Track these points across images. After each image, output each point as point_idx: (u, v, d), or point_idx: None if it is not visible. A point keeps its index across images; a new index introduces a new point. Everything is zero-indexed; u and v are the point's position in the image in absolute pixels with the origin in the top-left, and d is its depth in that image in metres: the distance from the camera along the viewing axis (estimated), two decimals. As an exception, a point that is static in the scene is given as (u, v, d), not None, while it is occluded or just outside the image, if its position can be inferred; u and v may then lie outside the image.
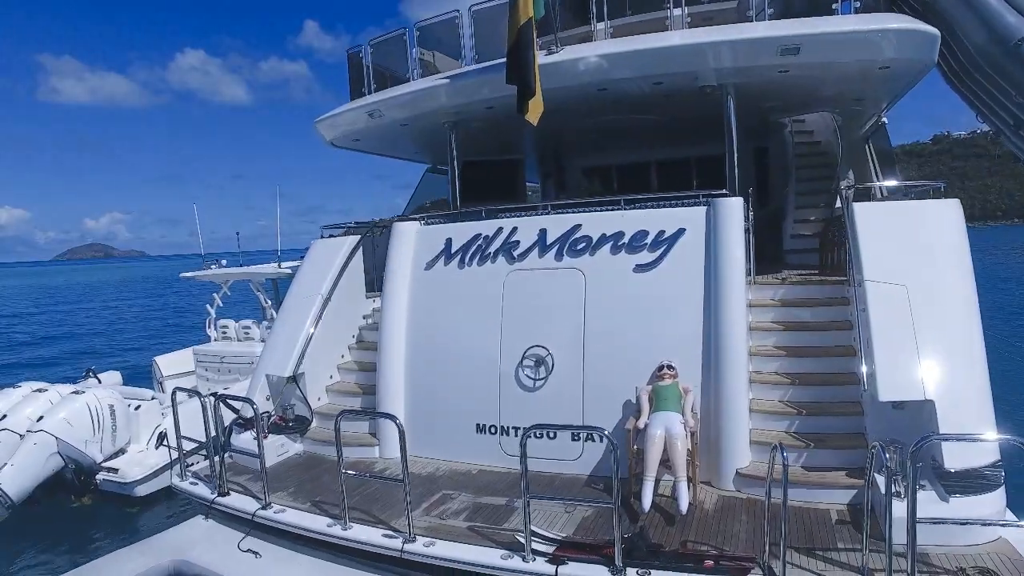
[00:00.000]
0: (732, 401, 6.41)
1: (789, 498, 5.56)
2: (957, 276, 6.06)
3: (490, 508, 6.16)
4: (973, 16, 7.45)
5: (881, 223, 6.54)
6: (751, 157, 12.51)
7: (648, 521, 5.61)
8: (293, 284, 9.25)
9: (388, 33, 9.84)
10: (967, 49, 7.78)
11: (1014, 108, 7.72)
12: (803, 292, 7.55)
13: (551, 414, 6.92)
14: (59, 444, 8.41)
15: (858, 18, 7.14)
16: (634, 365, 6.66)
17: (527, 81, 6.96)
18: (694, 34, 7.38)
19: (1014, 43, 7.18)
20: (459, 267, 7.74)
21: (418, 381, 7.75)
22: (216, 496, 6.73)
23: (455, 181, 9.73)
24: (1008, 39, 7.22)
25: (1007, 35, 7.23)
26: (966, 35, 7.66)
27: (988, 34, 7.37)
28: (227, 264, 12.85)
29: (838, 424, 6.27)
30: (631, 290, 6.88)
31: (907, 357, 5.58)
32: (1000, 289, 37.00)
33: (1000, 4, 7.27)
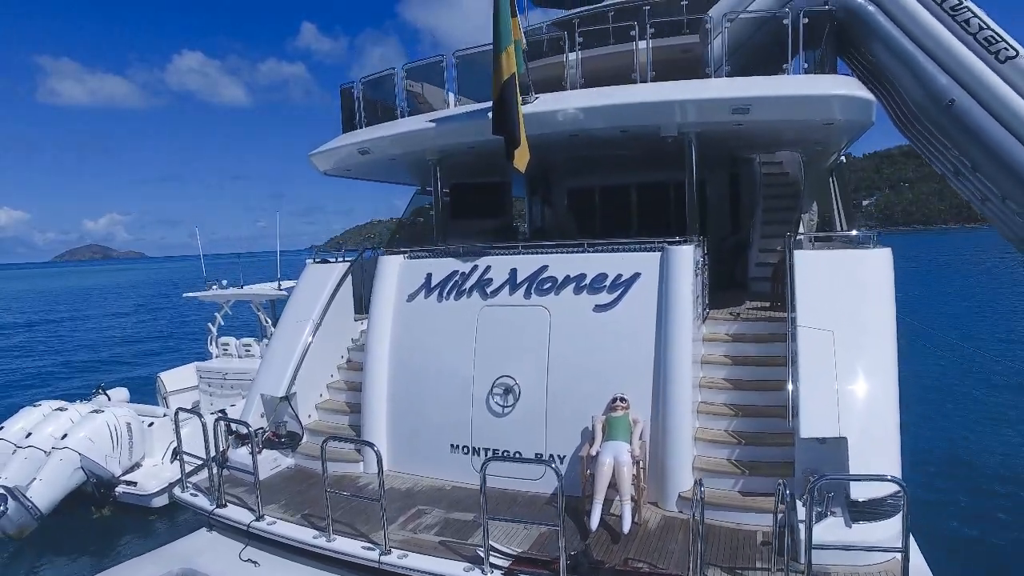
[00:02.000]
0: (677, 430, 7.12)
1: (723, 520, 6.39)
2: (880, 323, 6.77)
3: (459, 523, 6.89)
4: (911, 76, 8.13)
5: (818, 271, 7.25)
6: (726, 182, 13.27)
7: (595, 539, 6.33)
8: (287, 307, 9.97)
9: (379, 72, 10.54)
10: (908, 104, 8.47)
11: (951, 158, 8.42)
12: (752, 328, 8.28)
13: (517, 438, 7.69)
14: (82, 460, 9.19)
15: (803, 82, 7.83)
16: (592, 396, 7.37)
17: (513, 133, 7.66)
18: (654, 91, 8.07)
19: (946, 103, 7.88)
20: (438, 300, 8.46)
21: (399, 403, 8.46)
22: (215, 508, 7.46)
23: (439, 209, 10.42)
24: (941, 99, 7.91)
25: (940, 95, 7.93)
26: (906, 91, 8.35)
27: (924, 93, 8.06)
28: (227, 284, 13.56)
29: (772, 453, 6.97)
30: (591, 328, 7.60)
31: (827, 398, 6.28)
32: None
33: (933, 67, 7.94)
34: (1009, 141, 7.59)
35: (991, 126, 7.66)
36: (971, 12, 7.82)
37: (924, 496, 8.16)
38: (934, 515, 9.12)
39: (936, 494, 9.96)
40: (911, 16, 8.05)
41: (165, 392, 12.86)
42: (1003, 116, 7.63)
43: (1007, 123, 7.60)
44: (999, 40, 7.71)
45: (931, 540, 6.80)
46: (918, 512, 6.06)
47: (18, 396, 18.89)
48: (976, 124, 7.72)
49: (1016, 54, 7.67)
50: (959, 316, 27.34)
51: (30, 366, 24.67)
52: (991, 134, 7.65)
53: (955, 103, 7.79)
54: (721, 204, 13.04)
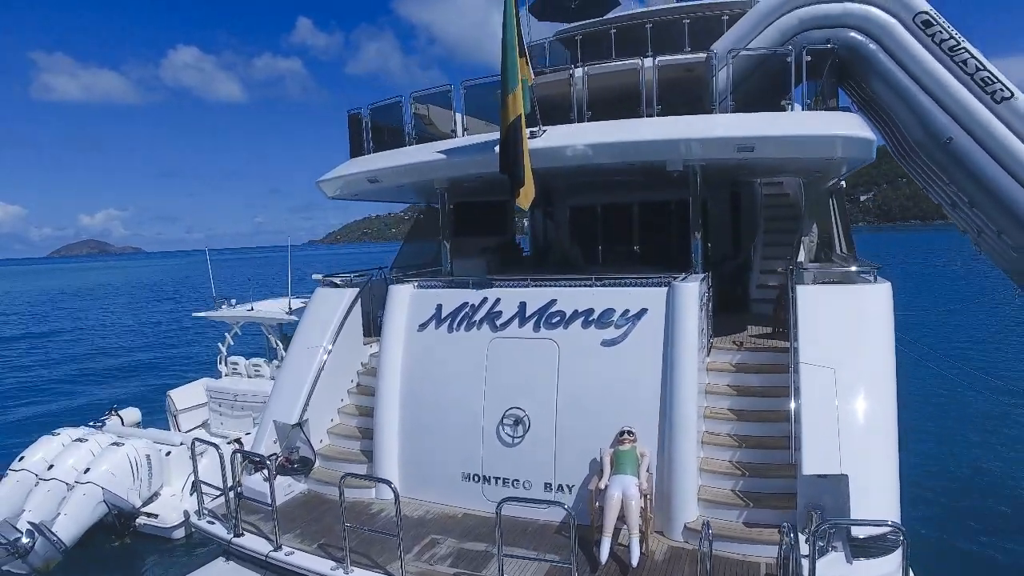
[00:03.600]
0: (683, 461, 7.35)
1: (728, 551, 6.61)
2: (880, 359, 7.01)
3: (472, 554, 7.10)
4: (910, 113, 8.35)
5: (819, 306, 7.49)
6: (727, 202, 13.46)
7: (604, 571, 6.56)
8: (298, 332, 10.16)
9: (386, 100, 10.73)
10: (906, 139, 8.68)
11: (949, 192, 8.65)
12: (755, 358, 8.52)
13: (527, 468, 7.91)
14: (104, 493, 9.45)
15: (806, 121, 8.01)
16: (600, 428, 7.58)
17: (518, 174, 7.84)
18: (661, 129, 8.25)
19: (943, 140, 8.09)
20: (448, 331, 8.65)
21: (410, 431, 8.66)
22: (232, 537, 7.66)
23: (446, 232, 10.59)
24: (939, 137, 8.13)
25: (938, 133, 8.15)
26: (905, 127, 8.56)
27: (922, 130, 8.28)
28: (236, 303, 13.74)
29: (775, 485, 7.19)
30: (599, 362, 7.81)
31: (829, 435, 6.51)
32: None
33: (932, 105, 8.16)
34: (1005, 179, 7.82)
35: (988, 164, 7.88)
36: (968, 53, 8.02)
37: (921, 515, 8.36)
38: (931, 534, 9.35)
39: (931, 510, 10.19)
40: (911, 55, 8.25)
41: (175, 410, 13.02)
42: (999, 155, 7.86)
43: (1003, 162, 7.84)
44: (995, 81, 7.93)
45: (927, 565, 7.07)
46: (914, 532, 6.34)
47: (22, 411, 18.92)
48: (973, 162, 7.95)
49: (1011, 95, 7.89)
50: (958, 330, 27.39)
51: (32, 378, 24.51)
52: (988, 172, 7.89)
53: (953, 141, 8.02)
54: (722, 224, 13.24)
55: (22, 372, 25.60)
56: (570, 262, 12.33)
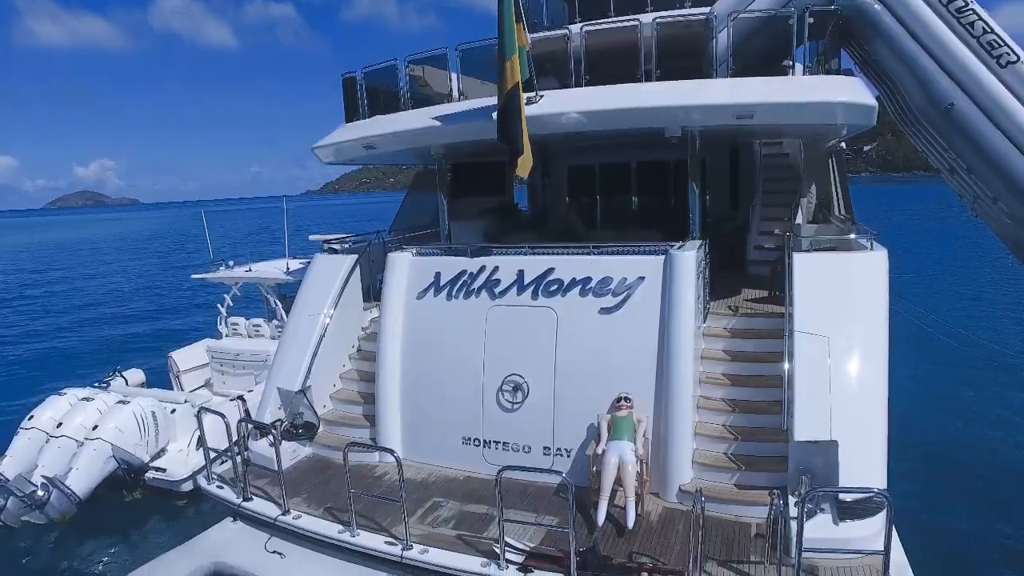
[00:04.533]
0: (678, 426, 7.56)
1: (720, 512, 6.88)
2: (873, 328, 7.13)
3: (474, 517, 7.36)
4: (912, 78, 8.23)
5: (816, 274, 7.56)
6: (727, 162, 13.37)
7: (602, 533, 6.82)
8: (298, 299, 10.23)
9: (380, 63, 10.51)
10: (907, 103, 8.59)
11: (947, 158, 8.61)
12: (750, 323, 8.65)
13: (526, 432, 8.13)
14: (114, 449, 9.82)
15: (807, 87, 7.90)
16: (597, 394, 7.75)
17: (516, 144, 7.78)
18: (659, 95, 8.13)
19: (945, 106, 8.01)
20: (447, 299, 8.74)
21: (411, 397, 8.84)
22: (241, 501, 7.93)
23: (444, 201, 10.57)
24: (941, 102, 8.04)
25: (939, 98, 8.05)
26: (907, 92, 8.45)
27: (924, 95, 8.18)
28: (233, 266, 13.79)
29: (767, 448, 7.41)
30: (596, 329, 7.92)
31: (821, 403, 6.68)
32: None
33: (935, 69, 8.03)
34: (1005, 146, 7.77)
35: (988, 131, 7.82)
36: (976, 15, 7.85)
37: (907, 473, 8.61)
38: (916, 495, 9.65)
39: (918, 473, 10.47)
40: (916, 16, 8.08)
41: (178, 371, 13.23)
42: (1001, 121, 7.78)
43: (1004, 128, 7.77)
44: (1001, 44, 7.78)
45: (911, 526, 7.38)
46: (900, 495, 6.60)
47: (24, 370, 19.06)
48: (974, 128, 7.88)
49: (1017, 59, 7.75)
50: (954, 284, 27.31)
51: (34, 338, 24.38)
52: (988, 139, 7.83)
53: (954, 107, 7.93)
54: (721, 184, 13.18)
55: (23, 331, 25.47)
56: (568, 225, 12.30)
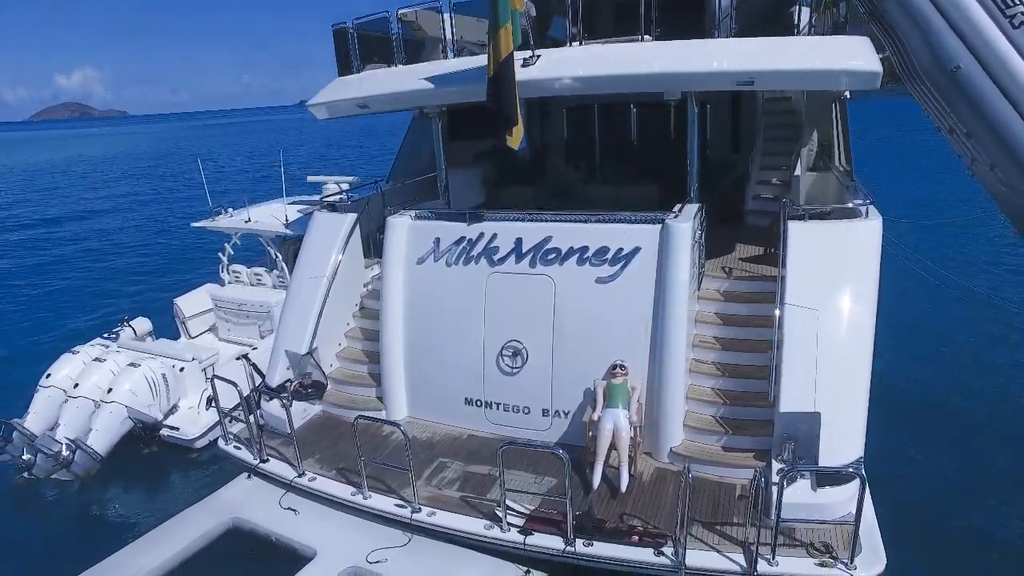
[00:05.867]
0: (670, 391, 7.90)
1: (708, 473, 7.35)
2: (862, 300, 7.33)
3: (477, 478, 7.85)
4: (920, 37, 7.96)
5: (810, 244, 7.67)
6: (728, 104, 13.11)
7: (596, 495, 7.31)
8: (300, 260, 10.35)
9: (372, 15, 10.13)
10: (913, 63, 8.37)
11: (947, 119, 8.50)
12: (743, 287, 8.83)
13: (526, 394, 8.51)
14: (129, 411, 10.40)
15: (810, 51, 7.66)
16: (594, 360, 8.04)
17: (509, 114, 7.66)
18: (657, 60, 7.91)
19: (951, 68, 7.82)
20: (447, 265, 8.88)
21: (415, 358, 9.16)
22: (258, 463, 8.42)
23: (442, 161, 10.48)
24: (947, 64, 7.83)
25: (946, 59, 7.83)
26: (913, 51, 8.21)
27: (931, 56, 7.95)
28: (232, 213, 13.79)
29: (754, 412, 7.78)
30: (593, 298, 8.12)
31: (806, 376, 6.99)
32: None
33: (944, 28, 7.77)
34: (1008, 114, 7.62)
35: (993, 96, 7.65)
36: (992, -30, 7.51)
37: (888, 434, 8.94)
38: (894, 456, 10.04)
39: (898, 434, 10.78)
40: (929, -30, 7.73)
41: (183, 317, 13.54)
42: (1007, 86, 7.59)
43: (1010, 94, 7.60)
44: (1016, 3, 7.46)
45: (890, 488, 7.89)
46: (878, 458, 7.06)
47: (24, 317, 19.07)
48: (978, 94, 7.70)
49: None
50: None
51: (30, 280, 23.58)
52: (992, 105, 7.67)
53: (960, 70, 7.72)
54: (722, 128, 12.98)
55: (18, 274, 24.90)
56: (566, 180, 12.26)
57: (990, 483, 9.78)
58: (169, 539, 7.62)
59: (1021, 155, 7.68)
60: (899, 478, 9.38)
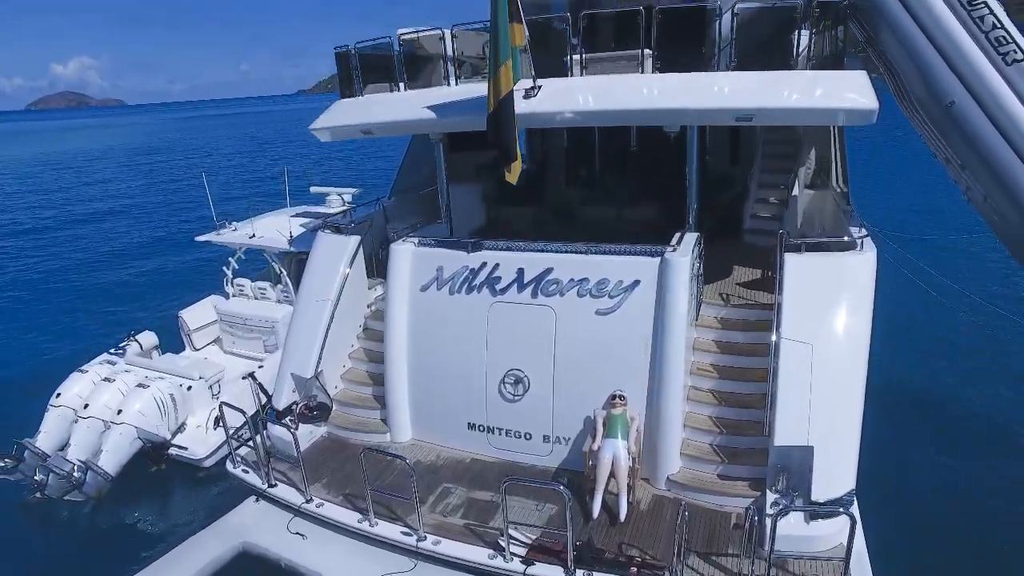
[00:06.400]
0: (668, 419, 8.09)
1: (704, 502, 7.56)
2: (856, 334, 7.51)
3: (480, 504, 8.06)
4: (915, 70, 8.07)
5: (805, 277, 7.85)
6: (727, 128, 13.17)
7: (596, 523, 7.54)
8: (304, 282, 10.52)
9: (374, 40, 10.21)
10: (909, 94, 8.48)
11: (944, 151, 8.63)
12: (741, 314, 9.01)
13: (527, 421, 8.72)
14: (138, 431, 10.62)
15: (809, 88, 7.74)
16: (594, 388, 8.23)
17: (509, 151, 7.80)
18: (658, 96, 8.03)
19: (946, 104, 7.93)
20: (450, 293, 9.05)
21: (419, 383, 9.34)
22: (266, 487, 8.62)
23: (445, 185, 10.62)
24: (942, 99, 7.95)
25: (941, 94, 7.94)
26: (909, 83, 8.32)
27: (926, 89, 8.07)
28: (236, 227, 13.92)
29: (750, 442, 7.99)
30: (593, 329, 8.30)
31: (801, 410, 7.18)
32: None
33: (940, 64, 7.87)
34: (1002, 148, 7.73)
35: (987, 132, 7.76)
36: (987, 8, 7.57)
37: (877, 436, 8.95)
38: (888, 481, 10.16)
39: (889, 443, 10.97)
40: (925, 5, 7.80)
41: (188, 330, 13.71)
42: (1001, 121, 7.71)
43: (1004, 129, 7.71)
44: (1010, 41, 7.56)
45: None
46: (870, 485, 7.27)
47: (34, 334, 18.76)
48: (973, 129, 7.81)
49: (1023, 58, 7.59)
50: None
51: (31, 289, 23.25)
52: (986, 140, 7.78)
53: (955, 105, 7.84)
54: (722, 142, 13.08)
55: (21, 285, 24.32)
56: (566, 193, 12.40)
57: (984, 510, 9.89)
58: (180, 565, 7.85)
59: (1014, 189, 7.81)
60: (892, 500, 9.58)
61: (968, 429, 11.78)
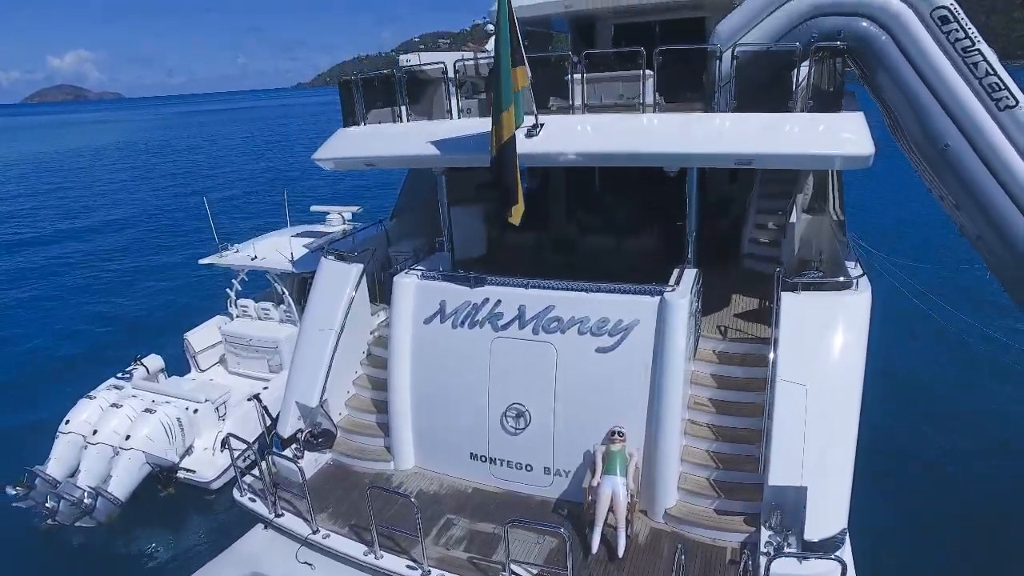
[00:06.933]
0: (666, 453, 8.28)
1: (700, 536, 7.75)
2: (849, 373, 7.70)
3: (483, 536, 8.24)
4: (912, 113, 8.23)
5: (801, 317, 8.02)
6: None
7: (595, 558, 7.73)
8: (308, 311, 10.67)
9: (377, 72, 10.35)
10: (904, 134, 8.64)
11: (938, 190, 8.80)
12: (738, 348, 9.19)
13: (529, 454, 8.91)
14: (147, 456, 10.81)
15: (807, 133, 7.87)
16: (594, 424, 8.43)
17: (511, 195, 7.94)
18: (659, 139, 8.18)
19: (941, 146, 8.10)
20: (452, 327, 9.21)
21: (422, 414, 9.52)
22: (273, 517, 8.81)
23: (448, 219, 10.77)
24: (937, 142, 8.12)
25: (936, 137, 8.12)
26: (905, 125, 8.48)
27: (921, 132, 8.23)
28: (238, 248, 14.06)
29: (745, 477, 8.18)
30: (593, 366, 8.48)
31: (795, 451, 7.37)
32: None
33: (935, 108, 8.03)
34: (995, 190, 7.93)
35: (981, 174, 7.95)
36: (981, 55, 7.72)
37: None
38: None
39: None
40: (922, 53, 7.92)
41: (194, 352, 13.89)
42: (993, 165, 7.89)
43: (996, 172, 7.90)
44: (1002, 88, 7.72)
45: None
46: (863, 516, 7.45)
47: (41, 358, 18.61)
48: (967, 171, 7.99)
49: (1016, 104, 7.72)
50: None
51: (35, 311, 22.76)
52: (979, 182, 7.97)
53: (949, 148, 8.00)
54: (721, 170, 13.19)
55: (28, 306, 23.66)
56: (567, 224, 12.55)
57: (978, 550, 10.02)
58: (193, 595, 8.07)
59: (1007, 233, 7.99)
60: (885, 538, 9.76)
61: (965, 462, 11.79)
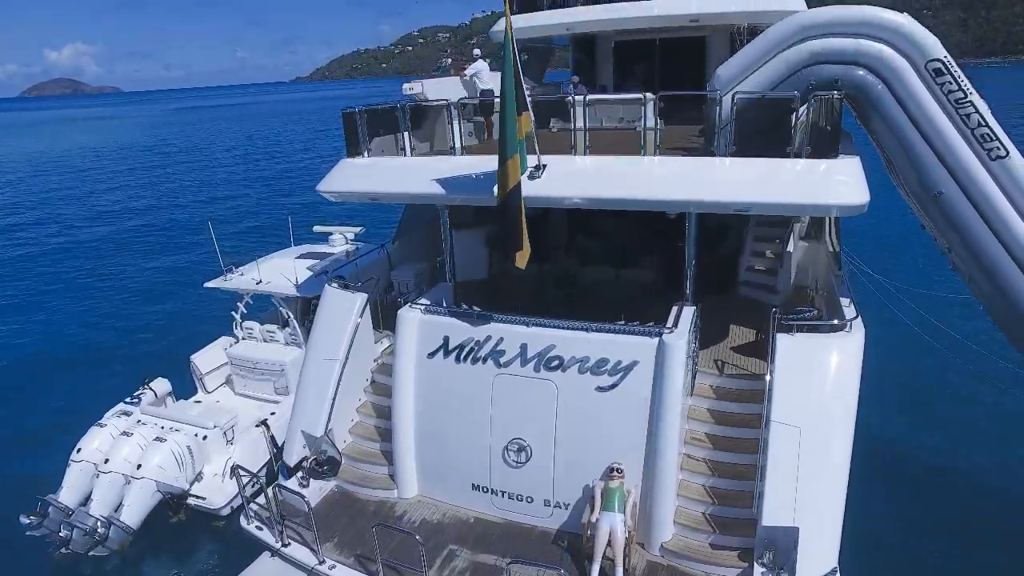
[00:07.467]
0: (662, 487, 8.50)
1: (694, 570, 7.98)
2: (841, 414, 7.93)
3: (485, 568, 8.46)
4: (906, 160, 8.43)
5: (796, 358, 8.24)
6: None
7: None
8: (313, 339, 10.89)
9: (381, 105, 10.54)
10: (899, 178, 8.85)
11: (933, 231, 9.01)
12: (734, 384, 9.40)
13: (530, 487, 9.14)
14: (158, 484, 10.96)
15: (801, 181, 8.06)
16: (593, 459, 8.65)
17: (516, 240, 8.14)
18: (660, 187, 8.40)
19: (934, 193, 8.31)
20: (456, 362, 9.43)
21: (425, 445, 9.74)
22: (280, 546, 9.03)
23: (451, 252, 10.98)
24: (931, 188, 8.32)
25: (930, 184, 8.32)
26: (900, 171, 8.69)
27: (916, 178, 8.44)
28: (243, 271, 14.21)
29: (740, 512, 8.41)
30: (593, 404, 8.70)
31: (787, 492, 7.61)
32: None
33: (929, 156, 8.23)
34: (986, 237, 8.15)
35: (973, 221, 8.16)
36: (974, 107, 7.91)
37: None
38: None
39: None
40: (917, 103, 8.11)
41: (200, 374, 14.07)
42: (985, 213, 8.11)
43: (988, 219, 8.11)
44: (994, 139, 7.92)
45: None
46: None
47: (48, 383, 18.31)
48: (959, 218, 8.21)
49: (1006, 154, 7.93)
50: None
51: (40, 334, 22.17)
52: (971, 229, 8.19)
53: (943, 195, 8.21)
54: None
55: (30, 331, 22.81)
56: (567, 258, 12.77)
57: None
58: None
59: (996, 275, 8.21)
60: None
61: (957, 494, 11.75)
